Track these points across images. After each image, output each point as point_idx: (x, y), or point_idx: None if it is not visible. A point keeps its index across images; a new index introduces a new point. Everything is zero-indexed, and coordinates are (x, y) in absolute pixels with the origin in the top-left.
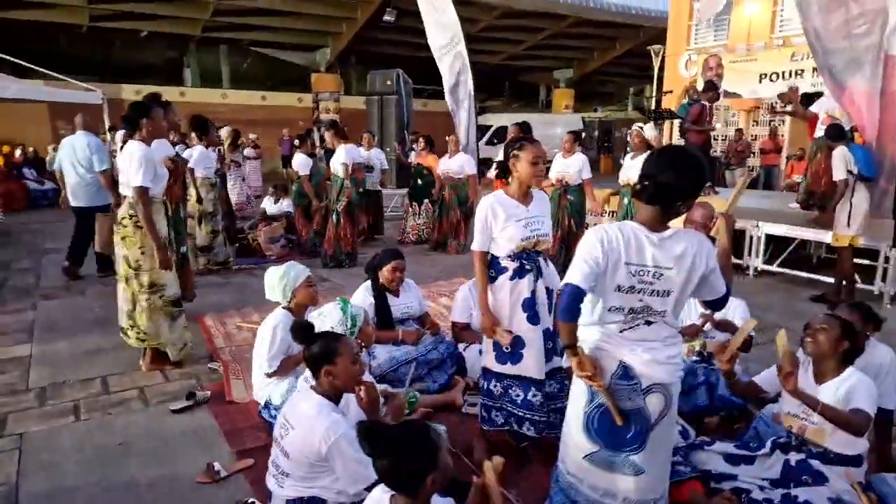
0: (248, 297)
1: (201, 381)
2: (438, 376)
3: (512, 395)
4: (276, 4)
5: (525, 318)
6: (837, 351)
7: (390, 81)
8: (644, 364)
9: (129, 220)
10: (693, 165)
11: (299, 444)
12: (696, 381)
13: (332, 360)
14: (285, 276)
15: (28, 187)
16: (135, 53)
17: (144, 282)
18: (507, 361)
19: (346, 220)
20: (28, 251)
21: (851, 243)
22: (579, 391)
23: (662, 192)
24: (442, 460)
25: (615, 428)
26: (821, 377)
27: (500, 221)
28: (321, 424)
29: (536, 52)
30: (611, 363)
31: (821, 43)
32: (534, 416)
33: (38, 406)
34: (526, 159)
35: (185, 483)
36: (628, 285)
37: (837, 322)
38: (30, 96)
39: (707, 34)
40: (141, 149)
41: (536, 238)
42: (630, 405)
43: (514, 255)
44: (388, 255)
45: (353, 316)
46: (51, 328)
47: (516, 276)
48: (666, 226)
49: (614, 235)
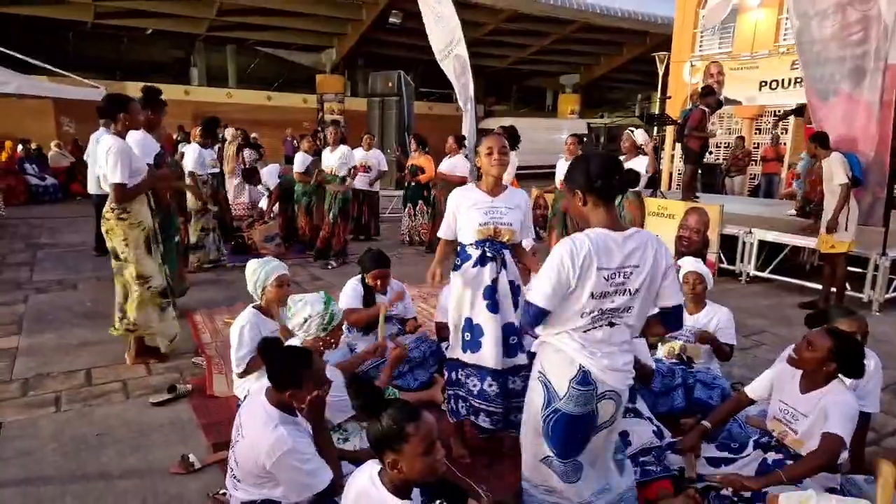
0: (238, 295)
1: (184, 375)
2: (420, 374)
3: (470, 384)
4: (282, 4)
5: (485, 305)
6: (821, 370)
7: (392, 83)
8: (601, 370)
9: (111, 214)
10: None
11: (245, 454)
12: (674, 383)
13: (298, 384)
14: (257, 272)
15: (29, 182)
16: (142, 51)
17: (133, 273)
18: (468, 350)
19: (343, 220)
20: (25, 245)
21: (849, 249)
22: (537, 394)
23: (618, 188)
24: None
25: (570, 435)
26: (805, 388)
27: (462, 209)
28: (266, 440)
29: (543, 57)
30: (571, 368)
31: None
32: (489, 406)
33: (21, 396)
34: (482, 151)
35: (159, 473)
36: (601, 291)
37: (829, 344)
38: (32, 92)
39: (712, 41)
40: (116, 143)
41: (494, 226)
42: (580, 411)
43: (476, 242)
44: (372, 262)
45: (333, 314)
46: (40, 320)
47: (478, 263)
48: (622, 225)
49: (583, 244)
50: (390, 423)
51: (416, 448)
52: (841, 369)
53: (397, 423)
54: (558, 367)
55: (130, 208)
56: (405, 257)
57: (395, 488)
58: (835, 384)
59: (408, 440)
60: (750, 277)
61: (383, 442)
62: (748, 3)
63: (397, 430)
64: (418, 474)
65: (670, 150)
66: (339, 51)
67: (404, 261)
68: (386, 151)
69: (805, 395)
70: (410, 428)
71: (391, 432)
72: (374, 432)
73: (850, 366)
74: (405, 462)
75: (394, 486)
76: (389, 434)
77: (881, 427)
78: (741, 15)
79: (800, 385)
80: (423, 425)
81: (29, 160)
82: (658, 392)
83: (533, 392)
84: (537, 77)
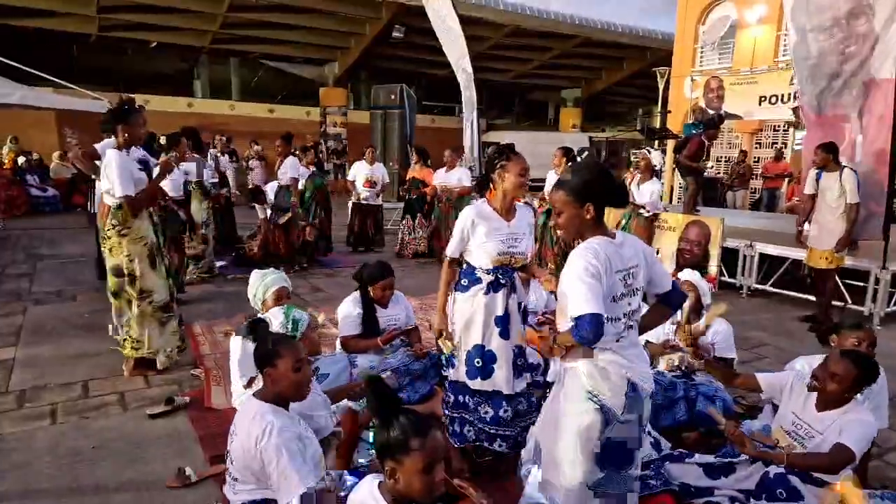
0: (239, 306)
1: (182, 387)
2: (421, 386)
3: (481, 412)
4: (285, 18)
5: (497, 332)
6: (843, 396)
7: (394, 96)
8: (640, 376)
9: (112, 231)
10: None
11: (240, 448)
12: (676, 396)
13: (272, 362)
14: (259, 281)
15: (30, 193)
16: (146, 64)
17: (137, 288)
18: (478, 376)
19: (280, 230)
20: (25, 256)
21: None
22: (591, 418)
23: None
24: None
25: (627, 448)
26: (822, 406)
27: (478, 234)
28: (257, 427)
29: (545, 71)
30: (622, 382)
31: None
32: (505, 431)
33: (17, 408)
34: (514, 171)
35: (155, 487)
36: (621, 292)
37: (854, 373)
38: (35, 103)
39: (712, 57)
40: (117, 157)
41: (511, 255)
42: (634, 417)
43: (489, 269)
44: (377, 271)
45: (295, 321)
46: (38, 332)
47: (491, 289)
48: (612, 231)
49: (598, 248)
50: (398, 433)
51: (416, 464)
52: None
53: (404, 435)
54: (610, 383)
55: (131, 223)
56: (407, 269)
57: (395, 501)
58: (853, 404)
59: (410, 454)
60: (751, 291)
61: (386, 449)
62: (747, 19)
63: (402, 442)
64: (414, 491)
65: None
66: (342, 64)
67: (406, 273)
68: (388, 164)
69: (822, 413)
70: (415, 443)
71: (396, 442)
72: (381, 438)
73: (870, 383)
74: (403, 475)
75: (394, 499)
76: (394, 443)
77: (884, 441)
78: (740, 31)
79: (816, 402)
80: (429, 442)
81: (30, 171)
82: (660, 405)
83: (583, 417)
84: (539, 91)
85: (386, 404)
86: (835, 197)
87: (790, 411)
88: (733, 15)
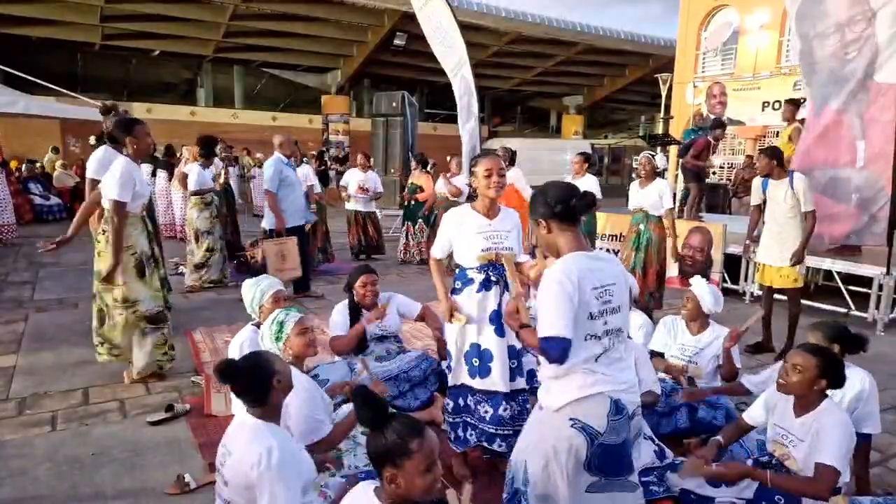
0: (240, 314)
1: (183, 394)
2: (420, 393)
3: (481, 411)
4: (288, 27)
5: (493, 330)
6: (813, 390)
7: (396, 103)
8: (625, 392)
9: (102, 237)
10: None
11: (235, 470)
12: (677, 403)
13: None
14: (252, 290)
15: (34, 202)
16: (150, 72)
17: (118, 296)
18: (477, 375)
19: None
20: (28, 263)
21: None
22: (578, 439)
23: (579, 210)
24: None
25: (617, 460)
26: (800, 411)
27: (461, 232)
28: (255, 449)
29: (547, 79)
30: (603, 403)
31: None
32: (504, 430)
33: (16, 415)
34: (479, 173)
35: (154, 494)
36: (598, 310)
37: (814, 361)
38: (38, 112)
39: (714, 63)
40: (125, 164)
41: (496, 251)
42: (621, 438)
43: (479, 267)
44: (357, 270)
45: (281, 322)
46: (39, 339)
47: (482, 287)
48: (588, 245)
49: (570, 265)
50: (395, 437)
51: (418, 465)
52: (830, 384)
53: (402, 438)
54: (591, 408)
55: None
56: (406, 275)
57: (264, 417)
58: (827, 403)
59: (411, 456)
60: (754, 297)
61: (385, 456)
62: (750, 24)
63: (401, 445)
64: (416, 492)
65: (674, 171)
66: (344, 72)
67: (406, 279)
68: (389, 171)
69: (799, 418)
70: (414, 444)
71: (395, 447)
72: (377, 446)
73: (837, 378)
74: (405, 479)
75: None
76: (393, 449)
77: (886, 448)
78: (743, 37)
79: (794, 408)
80: (426, 442)
81: (34, 180)
82: (661, 412)
83: (570, 440)
84: (541, 98)
85: (376, 411)
86: (788, 207)
87: (773, 423)
88: (735, 21)
